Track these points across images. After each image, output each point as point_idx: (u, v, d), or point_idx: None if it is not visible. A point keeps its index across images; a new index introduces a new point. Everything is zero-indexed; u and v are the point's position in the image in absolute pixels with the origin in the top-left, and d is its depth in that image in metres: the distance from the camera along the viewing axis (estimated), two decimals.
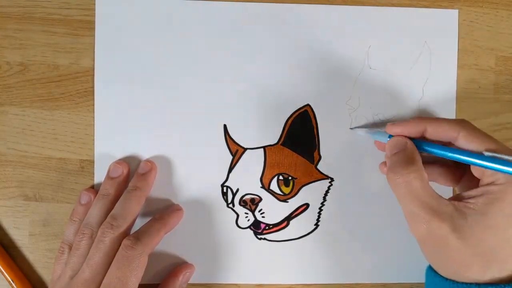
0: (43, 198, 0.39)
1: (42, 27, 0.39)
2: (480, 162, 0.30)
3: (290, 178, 0.39)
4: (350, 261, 0.40)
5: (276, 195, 0.39)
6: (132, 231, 0.36)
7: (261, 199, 0.39)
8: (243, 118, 0.39)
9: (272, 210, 0.39)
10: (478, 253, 0.30)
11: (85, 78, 0.39)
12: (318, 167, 0.39)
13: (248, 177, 0.39)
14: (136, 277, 0.33)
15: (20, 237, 0.39)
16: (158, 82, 0.39)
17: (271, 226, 0.39)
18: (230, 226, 0.39)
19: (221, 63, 0.39)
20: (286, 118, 0.39)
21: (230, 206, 0.39)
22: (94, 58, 0.39)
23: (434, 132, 0.33)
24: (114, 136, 0.39)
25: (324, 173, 0.39)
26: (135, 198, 0.36)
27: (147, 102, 0.39)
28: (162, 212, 0.38)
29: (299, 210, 0.39)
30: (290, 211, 0.39)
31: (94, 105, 0.39)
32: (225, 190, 0.39)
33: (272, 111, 0.39)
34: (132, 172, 0.39)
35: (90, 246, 0.35)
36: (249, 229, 0.39)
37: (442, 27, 0.39)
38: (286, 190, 0.39)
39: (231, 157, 0.39)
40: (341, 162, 0.39)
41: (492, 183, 0.30)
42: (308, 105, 0.39)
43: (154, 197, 0.39)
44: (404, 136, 0.34)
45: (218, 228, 0.39)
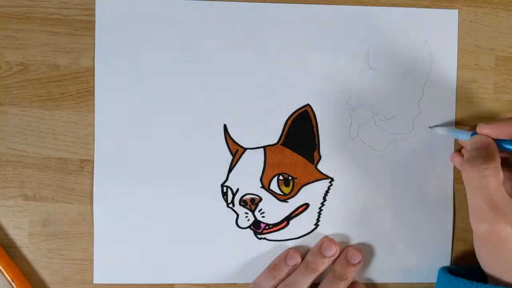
0: (43, 198, 0.39)
1: (42, 27, 0.39)
2: None
3: (290, 178, 0.39)
4: None
5: (276, 195, 0.39)
6: None
7: (261, 199, 0.39)
8: (243, 118, 0.39)
9: (272, 210, 0.39)
10: None
11: (85, 78, 0.39)
12: (318, 167, 0.39)
13: (248, 177, 0.39)
14: None
15: (20, 237, 0.39)
16: (158, 82, 0.39)
17: (271, 226, 0.39)
18: (230, 226, 0.39)
19: (221, 63, 0.39)
20: (286, 118, 0.39)
21: (230, 206, 0.39)
22: (94, 58, 0.39)
23: None
24: (114, 136, 0.39)
25: (324, 173, 0.39)
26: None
27: (147, 102, 0.39)
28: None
29: (299, 210, 0.39)
30: (290, 211, 0.39)
31: (94, 105, 0.39)
32: (225, 190, 0.39)
33: (272, 111, 0.39)
34: (131, 168, 0.39)
35: None
36: (249, 229, 0.39)
37: (442, 27, 0.39)
38: (286, 190, 0.39)
39: (231, 157, 0.39)
40: (341, 162, 0.39)
41: None
42: (308, 105, 0.39)
43: (154, 196, 0.39)
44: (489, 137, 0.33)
45: (218, 228, 0.39)
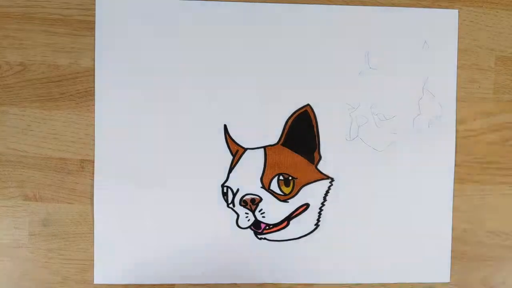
0: (43, 198, 0.39)
1: (42, 27, 0.39)
2: None
3: (290, 178, 0.39)
4: (350, 261, 0.40)
5: (276, 195, 0.39)
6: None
7: (261, 199, 0.39)
8: (243, 118, 0.39)
9: (272, 210, 0.39)
10: None
11: (85, 78, 0.39)
12: (318, 167, 0.39)
13: (248, 177, 0.39)
14: None
15: (20, 237, 0.39)
16: (158, 82, 0.39)
17: (271, 226, 0.39)
18: (230, 226, 0.39)
19: (221, 63, 0.39)
20: (286, 118, 0.39)
21: (231, 206, 0.39)
22: (94, 58, 0.39)
23: None
24: (114, 136, 0.39)
25: (324, 173, 0.39)
26: None
27: (147, 102, 0.39)
28: None
29: (299, 210, 0.39)
30: (290, 211, 0.39)
31: (94, 105, 0.39)
32: (225, 190, 0.39)
33: (272, 111, 0.39)
34: (131, 168, 0.39)
35: None
36: (249, 229, 0.39)
37: (442, 27, 0.39)
38: (286, 190, 0.39)
39: (231, 157, 0.39)
40: (341, 162, 0.39)
41: None
42: (308, 105, 0.39)
43: (154, 196, 0.39)
44: None
45: (218, 228, 0.39)
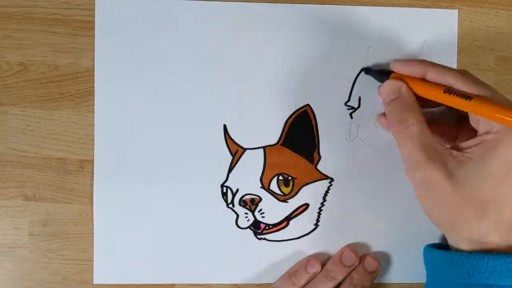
0: (43, 198, 0.39)
1: (42, 27, 0.39)
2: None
3: (290, 178, 0.39)
4: None
5: (276, 195, 0.39)
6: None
7: (261, 199, 0.39)
8: (243, 118, 0.39)
9: (272, 210, 0.39)
10: (473, 201, 0.30)
11: (85, 78, 0.39)
12: (318, 167, 0.39)
13: (248, 177, 0.39)
14: None
15: (20, 237, 0.39)
16: (158, 82, 0.39)
17: (271, 226, 0.39)
18: (230, 226, 0.39)
19: (221, 63, 0.39)
20: (286, 118, 0.39)
21: (230, 206, 0.39)
22: (94, 58, 0.39)
23: (435, 75, 0.33)
24: (114, 136, 0.39)
25: (324, 173, 0.39)
26: None
27: (147, 102, 0.39)
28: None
29: (299, 210, 0.39)
30: (290, 211, 0.39)
31: (94, 105, 0.39)
32: (225, 190, 0.39)
33: (272, 111, 0.39)
34: (131, 168, 0.39)
35: None
36: (249, 229, 0.39)
37: (442, 27, 0.39)
38: (286, 190, 0.39)
39: (231, 157, 0.39)
40: (341, 162, 0.39)
41: (487, 132, 0.31)
42: (308, 105, 0.39)
43: (154, 196, 0.39)
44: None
45: (218, 228, 0.39)
